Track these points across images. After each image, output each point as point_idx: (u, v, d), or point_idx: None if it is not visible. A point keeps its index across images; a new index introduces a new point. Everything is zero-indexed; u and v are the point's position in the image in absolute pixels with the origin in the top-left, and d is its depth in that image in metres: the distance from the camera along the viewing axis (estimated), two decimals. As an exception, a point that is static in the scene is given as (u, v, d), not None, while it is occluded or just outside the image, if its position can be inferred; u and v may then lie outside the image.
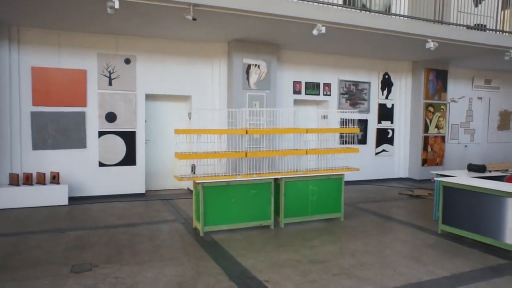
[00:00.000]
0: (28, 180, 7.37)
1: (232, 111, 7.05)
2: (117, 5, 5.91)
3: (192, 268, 4.47)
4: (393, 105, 11.27)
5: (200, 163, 6.12)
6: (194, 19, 6.44)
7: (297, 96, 9.98)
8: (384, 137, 11.17)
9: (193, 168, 6.76)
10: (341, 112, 8.51)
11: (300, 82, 10.02)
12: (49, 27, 7.64)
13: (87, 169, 8.11)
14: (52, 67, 7.81)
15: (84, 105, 8.07)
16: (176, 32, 8.02)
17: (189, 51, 8.87)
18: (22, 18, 7.11)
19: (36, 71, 7.70)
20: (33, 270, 4.34)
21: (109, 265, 4.49)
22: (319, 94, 10.26)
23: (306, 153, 6.41)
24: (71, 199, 7.70)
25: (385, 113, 11.17)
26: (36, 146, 7.72)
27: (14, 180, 7.28)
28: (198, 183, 5.65)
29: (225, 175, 5.96)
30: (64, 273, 4.27)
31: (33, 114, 7.69)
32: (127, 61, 8.38)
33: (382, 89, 11.12)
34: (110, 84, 8.25)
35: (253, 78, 8.90)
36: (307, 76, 10.09)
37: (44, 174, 7.50)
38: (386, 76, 11.15)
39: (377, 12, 8.34)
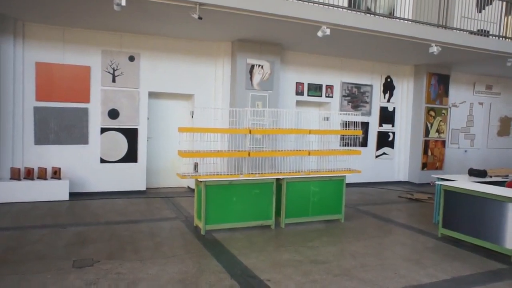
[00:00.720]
0: (29, 174, 7.38)
1: (235, 111, 7.08)
2: (123, 3, 5.92)
3: (194, 266, 4.49)
4: (394, 108, 11.31)
5: (203, 162, 6.14)
6: (200, 18, 6.46)
7: (300, 97, 10.01)
8: (385, 140, 11.20)
9: (195, 166, 6.78)
10: (343, 114, 8.55)
11: (303, 83, 10.05)
12: (54, 23, 7.65)
13: (88, 165, 8.12)
14: (56, 62, 7.82)
15: (87, 101, 8.08)
16: (181, 30, 8.04)
17: (193, 49, 8.88)
18: (27, 13, 7.12)
19: (40, 67, 7.70)
20: (35, 264, 4.35)
21: (110, 261, 4.50)
22: (321, 96, 10.29)
23: (309, 154, 6.43)
24: (72, 194, 7.69)
25: (387, 116, 11.20)
26: (38, 141, 7.72)
27: (15, 175, 7.29)
28: (201, 181, 5.66)
29: (227, 174, 5.98)
30: (66, 268, 4.28)
31: (36, 109, 7.69)
32: (131, 59, 8.39)
33: (384, 92, 11.16)
34: (113, 81, 8.26)
35: (256, 78, 8.92)
36: (309, 77, 10.11)
37: (45, 169, 7.51)
38: (388, 80, 11.18)
39: (381, 16, 8.38)
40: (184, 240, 5.42)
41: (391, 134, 11.30)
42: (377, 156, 11.10)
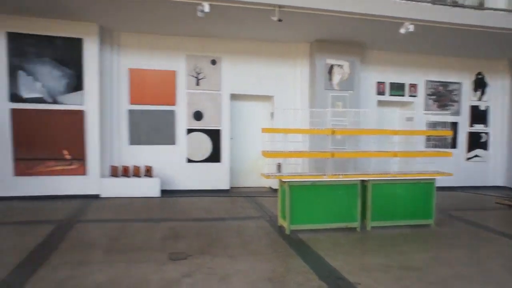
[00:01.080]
0: (126, 172, 8.03)
1: (315, 111, 7.03)
2: (207, 9, 6.21)
3: (281, 264, 4.52)
4: (487, 107, 10.43)
5: (286, 162, 6.18)
6: (279, 20, 6.55)
7: (381, 97, 9.68)
8: (476, 142, 10.37)
9: (279, 166, 6.85)
10: (428, 113, 8.09)
11: (384, 82, 9.71)
12: (144, 31, 8.24)
13: (176, 165, 8.61)
14: (146, 68, 8.40)
15: (174, 104, 8.56)
16: (260, 33, 8.21)
17: (272, 51, 9.01)
18: (122, 24, 7.79)
19: (133, 72, 8.34)
20: (137, 254, 4.70)
21: (202, 256, 4.69)
22: (404, 95, 9.85)
23: (395, 155, 6.16)
24: (162, 191, 8.21)
25: (478, 115, 10.37)
26: (132, 141, 8.38)
27: (114, 172, 7.98)
28: (285, 181, 5.70)
29: (311, 175, 5.95)
30: (163, 259, 4.54)
31: (130, 112, 8.34)
32: (213, 62, 8.74)
33: (475, 90, 10.35)
34: (197, 84, 8.67)
35: (336, 78, 8.81)
36: (391, 76, 9.74)
37: (139, 167, 8.11)
38: (480, 76, 10.35)
39: (470, 8, 7.80)
40: (269, 239, 5.49)
41: (483, 135, 10.43)
42: (468, 158, 10.32)
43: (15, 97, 7.45)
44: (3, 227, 5.79)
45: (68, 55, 7.62)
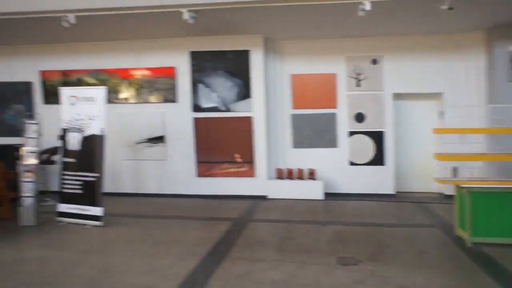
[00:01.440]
0: (290, 175, 8.39)
1: (496, 108, 6.15)
2: (368, 7, 5.99)
3: (466, 282, 4.05)
4: None
5: (462, 166, 5.55)
6: (450, 8, 5.91)
7: None
8: None
9: (455, 170, 6.18)
10: None
11: None
12: (304, 38, 8.46)
13: (338, 167, 8.56)
14: (306, 73, 8.61)
15: (335, 106, 8.56)
16: (424, 26, 7.58)
17: (439, 45, 8.22)
18: (284, 33, 8.20)
19: (294, 78, 8.66)
20: (307, 255, 4.84)
21: (373, 263, 4.55)
22: None
23: None
24: (324, 194, 8.24)
25: None
26: (296, 144, 8.70)
27: (279, 174, 8.43)
28: (463, 187, 5.10)
29: (495, 181, 5.19)
30: (332, 263, 4.57)
31: (293, 116, 8.68)
32: (374, 62, 8.44)
33: None
34: (358, 85, 8.49)
35: (523, 68, 7.54)
36: None
37: (302, 170, 8.37)
38: None
39: None
40: (447, 250, 4.99)
41: None
42: None
43: (196, 107, 8.56)
44: (192, 221, 6.71)
45: (237, 67, 8.38)
